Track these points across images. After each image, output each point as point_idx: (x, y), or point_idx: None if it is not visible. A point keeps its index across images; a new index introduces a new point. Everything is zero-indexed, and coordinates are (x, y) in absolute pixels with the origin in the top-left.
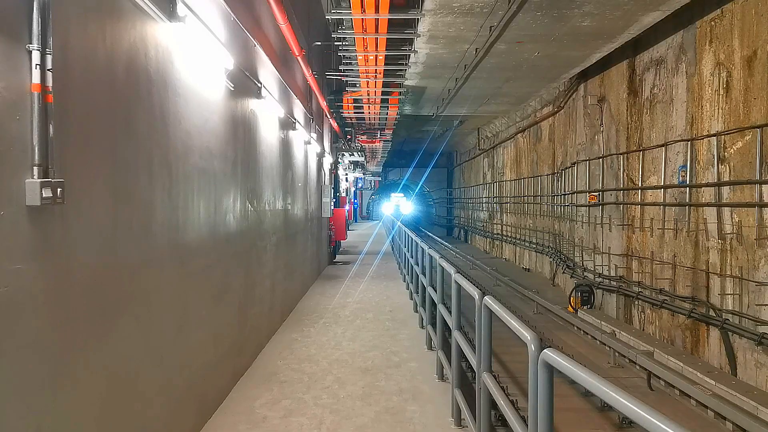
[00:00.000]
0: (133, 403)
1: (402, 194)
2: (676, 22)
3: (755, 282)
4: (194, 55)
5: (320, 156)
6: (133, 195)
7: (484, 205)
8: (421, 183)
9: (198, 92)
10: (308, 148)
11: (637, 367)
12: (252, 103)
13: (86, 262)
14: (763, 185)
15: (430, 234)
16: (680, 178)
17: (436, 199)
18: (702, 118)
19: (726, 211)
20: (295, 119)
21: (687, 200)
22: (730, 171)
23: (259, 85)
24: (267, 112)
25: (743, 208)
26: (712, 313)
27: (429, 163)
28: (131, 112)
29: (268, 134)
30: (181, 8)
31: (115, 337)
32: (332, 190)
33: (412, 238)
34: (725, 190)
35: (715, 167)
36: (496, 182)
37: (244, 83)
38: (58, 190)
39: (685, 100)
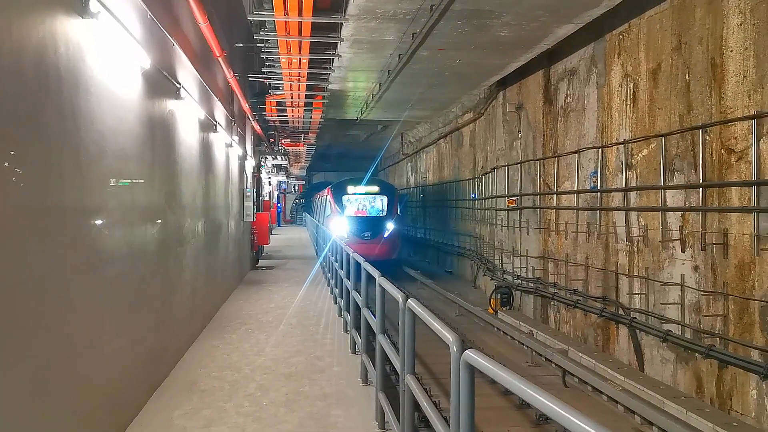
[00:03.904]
0: (44, 416)
1: (378, 189)
2: (588, 35)
3: (660, 282)
4: (108, 53)
5: (242, 159)
6: (42, 200)
7: (407, 209)
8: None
9: (112, 91)
10: (230, 151)
11: (553, 365)
12: (170, 104)
13: None
14: (667, 190)
15: None
16: (592, 184)
17: None
18: (611, 126)
19: (633, 215)
20: (216, 121)
21: (598, 204)
22: (637, 177)
23: (178, 85)
24: (186, 114)
25: (649, 212)
26: (621, 312)
27: (353, 167)
28: (40, 112)
29: (188, 136)
30: (93, 4)
31: (25, 349)
32: (255, 194)
33: (336, 242)
34: (633, 195)
35: (623, 173)
36: (419, 186)
37: (162, 83)
38: None
39: (596, 110)
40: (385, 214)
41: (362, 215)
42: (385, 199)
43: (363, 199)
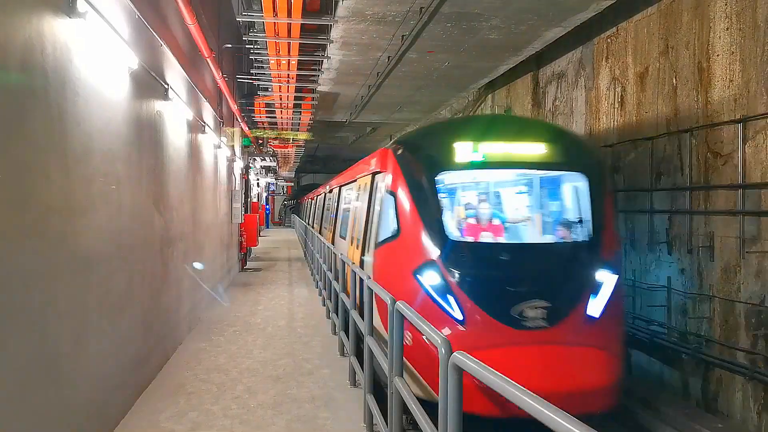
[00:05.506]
0: (25, 419)
1: (553, 151)
2: (576, 39)
3: (646, 284)
4: (96, 53)
5: (231, 160)
6: (27, 200)
7: None
8: None
9: (100, 92)
10: (218, 152)
11: None
12: (158, 105)
13: None
14: (654, 193)
15: None
16: None
17: None
18: (599, 129)
19: (621, 217)
20: (205, 122)
21: None
22: (624, 180)
23: (166, 86)
24: (174, 115)
25: (636, 215)
26: None
27: (343, 169)
28: (26, 113)
29: (176, 137)
30: (81, 4)
31: (6, 350)
32: (243, 195)
33: (323, 243)
34: (620, 197)
35: (611, 176)
36: None
37: (150, 84)
38: None
39: (584, 113)
40: (589, 235)
41: (503, 241)
42: (581, 186)
43: (513, 193)
